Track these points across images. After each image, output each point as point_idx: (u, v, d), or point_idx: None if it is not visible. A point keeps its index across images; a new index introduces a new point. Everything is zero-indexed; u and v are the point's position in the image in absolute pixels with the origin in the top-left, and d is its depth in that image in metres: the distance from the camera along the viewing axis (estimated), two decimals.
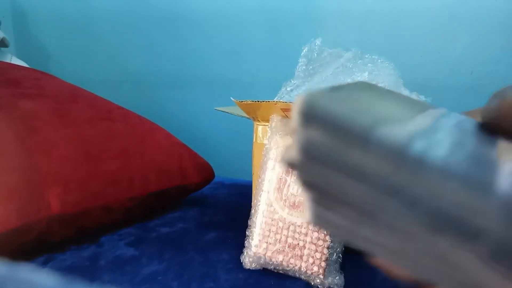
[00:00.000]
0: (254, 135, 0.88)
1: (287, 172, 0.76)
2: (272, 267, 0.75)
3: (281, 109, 0.79)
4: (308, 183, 0.22)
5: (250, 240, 0.77)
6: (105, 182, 0.89)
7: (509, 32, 1.26)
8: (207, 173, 1.08)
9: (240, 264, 0.78)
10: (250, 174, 0.91)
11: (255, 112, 0.85)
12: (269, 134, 0.79)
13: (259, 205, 0.77)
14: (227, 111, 0.94)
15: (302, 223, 0.73)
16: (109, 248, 0.84)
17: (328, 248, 0.72)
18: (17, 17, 1.80)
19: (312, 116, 0.21)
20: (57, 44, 1.78)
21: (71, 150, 0.88)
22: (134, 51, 1.66)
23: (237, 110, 0.87)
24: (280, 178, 0.76)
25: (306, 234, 0.73)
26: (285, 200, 0.75)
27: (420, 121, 0.20)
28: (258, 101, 0.80)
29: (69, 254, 0.82)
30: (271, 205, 0.76)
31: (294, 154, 0.22)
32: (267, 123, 0.86)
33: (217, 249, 0.84)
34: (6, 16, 1.76)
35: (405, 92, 0.89)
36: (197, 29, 1.58)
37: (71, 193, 0.84)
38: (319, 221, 0.23)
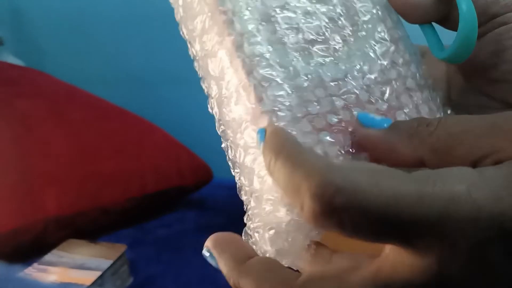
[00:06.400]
0: None
1: None
2: None
3: None
4: None
5: None
6: (102, 183, 0.89)
7: None
8: (205, 173, 1.08)
9: None
10: None
11: None
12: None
13: None
14: None
15: None
16: None
17: None
18: (14, 16, 1.79)
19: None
20: (54, 43, 1.77)
21: (67, 150, 0.88)
22: (131, 50, 1.66)
23: None
24: None
25: None
26: None
27: None
28: None
29: None
30: None
31: None
32: None
33: None
34: (3, 15, 1.76)
35: None
36: None
37: (67, 194, 0.84)
38: None
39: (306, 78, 0.21)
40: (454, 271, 0.16)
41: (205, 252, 0.22)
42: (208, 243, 0.22)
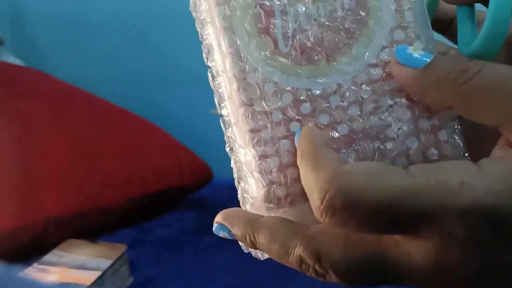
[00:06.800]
0: None
1: None
2: None
3: None
4: None
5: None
6: (102, 183, 0.89)
7: None
8: (205, 173, 1.08)
9: (240, 266, 0.77)
10: None
11: None
12: None
13: None
14: None
15: None
16: None
17: None
18: (14, 15, 1.79)
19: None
20: (54, 43, 1.77)
21: (67, 150, 0.88)
22: (131, 50, 1.65)
23: None
24: None
25: None
26: None
27: None
28: None
29: None
30: None
31: None
32: None
33: (216, 252, 0.84)
34: (3, 15, 1.75)
35: None
36: (194, 27, 1.57)
37: (67, 194, 0.83)
38: None
39: (292, 94, 0.21)
40: (451, 259, 0.18)
41: (216, 228, 0.23)
42: (218, 218, 0.23)
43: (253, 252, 0.23)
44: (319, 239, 0.20)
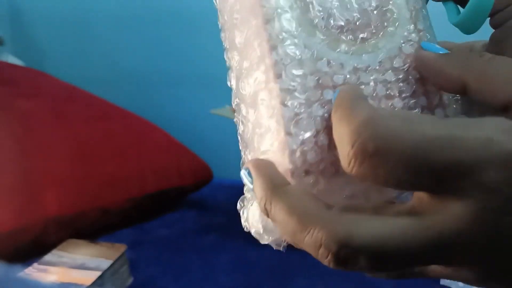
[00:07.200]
0: None
1: None
2: None
3: None
4: None
5: None
6: (102, 183, 0.89)
7: None
8: (205, 173, 1.08)
9: (240, 266, 0.77)
10: None
11: None
12: None
13: None
14: (223, 114, 0.93)
15: None
16: None
17: None
18: (14, 15, 1.79)
19: None
20: (54, 43, 1.77)
21: (67, 150, 0.88)
22: (132, 50, 1.65)
23: (232, 113, 0.85)
24: None
25: None
26: None
27: None
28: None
29: None
30: None
31: None
32: None
33: (216, 252, 0.84)
34: (3, 14, 1.75)
35: None
36: (195, 27, 1.57)
37: (67, 194, 0.83)
38: None
39: (328, 64, 0.21)
40: (491, 218, 0.15)
41: (243, 172, 0.21)
42: (250, 163, 0.21)
43: (253, 230, 0.22)
44: (345, 219, 0.17)
